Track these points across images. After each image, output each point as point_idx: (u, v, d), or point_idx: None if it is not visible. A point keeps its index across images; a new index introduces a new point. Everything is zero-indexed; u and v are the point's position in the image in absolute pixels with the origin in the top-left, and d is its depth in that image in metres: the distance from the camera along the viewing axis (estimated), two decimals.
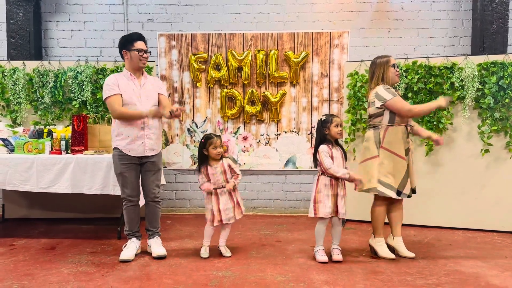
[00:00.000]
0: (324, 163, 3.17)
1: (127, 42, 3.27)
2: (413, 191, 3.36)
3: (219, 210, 3.29)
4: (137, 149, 3.30)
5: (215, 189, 3.29)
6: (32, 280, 2.86)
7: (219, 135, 3.38)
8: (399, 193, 3.25)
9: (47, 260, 3.27)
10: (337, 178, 3.18)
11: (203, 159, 3.32)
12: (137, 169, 3.36)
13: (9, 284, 2.78)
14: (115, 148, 3.32)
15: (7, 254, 3.43)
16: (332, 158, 3.18)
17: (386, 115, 3.27)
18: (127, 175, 3.31)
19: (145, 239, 3.50)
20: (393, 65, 3.30)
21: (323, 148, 3.20)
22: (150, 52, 3.39)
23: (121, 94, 3.24)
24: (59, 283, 2.80)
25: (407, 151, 3.29)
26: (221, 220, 3.30)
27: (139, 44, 3.27)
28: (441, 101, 3.27)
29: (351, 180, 3.18)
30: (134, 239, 3.39)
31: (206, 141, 3.27)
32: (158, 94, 3.40)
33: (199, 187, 3.37)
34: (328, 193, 3.18)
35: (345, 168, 3.25)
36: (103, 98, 3.29)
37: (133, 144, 3.28)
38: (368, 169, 3.30)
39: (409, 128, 3.35)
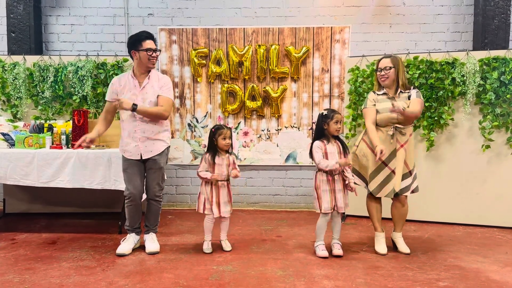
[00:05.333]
0: (314, 158, 3.24)
1: (135, 42, 3.20)
2: (396, 194, 3.29)
3: (219, 203, 3.30)
4: (130, 151, 3.29)
5: (218, 181, 3.29)
6: (33, 274, 2.87)
7: (230, 127, 3.37)
8: (368, 186, 3.36)
9: (48, 255, 3.28)
10: (332, 173, 3.20)
11: (213, 149, 3.33)
12: (141, 166, 3.34)
13: (10, 278, 2.79)
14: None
15: (8, 248, 3.44)
16: (326, 153, 3.20)
17: None
18: (130, 171, 3.31)
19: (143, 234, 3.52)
20: (375, 70, 3.38)
21: (316, 143, 3.25)
22: (160, 51, 3.30)
23: (114, 102, 3.27)
24: (60, 277, 2.81)
25: (394, 152, 3.25)
26: (220, 213, 3.30)
27: (147, 44, 3.19)
28: (378, 148, 3.12)
29: (342, 167, 3.20)
30: (133, 234, 3.40)
31: (216, 131, 3.29)
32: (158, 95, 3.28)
33: (197, 172, 3.31)
34: (325, 188, 3.20)
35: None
36: None
37: (127, 146, 3.29)
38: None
39: (392, 130, 3.25)
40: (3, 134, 3.98)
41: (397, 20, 4.85)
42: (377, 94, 3.35)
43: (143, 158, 3.30)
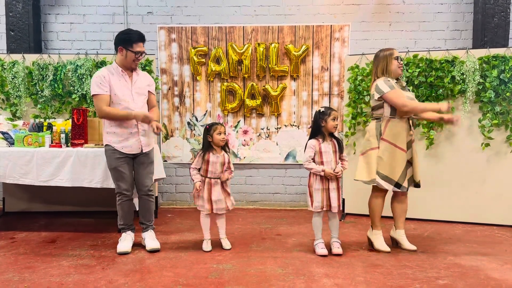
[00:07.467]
0: (303, 158, 3.25)
1: (127, 41, 3.20)
2: (417, 185, 3.36)
3: (211, 200, 3.30)
4: (130, 146, 3.29)
5: (210, 178, 3.31)
6: (32, 273, 2.87)
7: (223, 124, 3.43)
8: (398, 185, 3.25)
9: (48, 253, 3.28)
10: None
11: (208, 146, 3.34)
12: (131, 163, 3.36)
13: (10, 277, 2.79)
14: (107, 145, 3.31)
15: (7, 247, 3.44)
16: (320, 152, 3.20)
17: (387, 108, 3.26)
18: (122, 169, 3.30)
19: (139, 232, 3.52)
20: (397, 58, 3.29)
21: (310, 142, 3.25)
22: (146, 54, 3.37)
23: (110, 95, 3.21)
24: (60, 276, 2.81)
25: (409, 143, 3.29)
26: (211, 210, 3.31)
27: (138, 47, 3.22)
28: (442, 105, 3.22)
29: (328, 176, 3.18)
30: (129, 232, 3.42)
31: (211, 127, 3.32)
32: (148, 91, 3.42)
33: (190, 170, 3.37)
34: (318, 187, 3.20)
35: (343, 159, 3.28)
36: (91, 93, 3.23)
37: (126, 142, 3.28)
38: (368, 161, 3.32)
39: (410, 121, 3.33)
40: (3, 133, 3.97)
41: (396, 18, 4.85)
42: (393, 81, 3.27)
43: (144, 151, 3.35)
